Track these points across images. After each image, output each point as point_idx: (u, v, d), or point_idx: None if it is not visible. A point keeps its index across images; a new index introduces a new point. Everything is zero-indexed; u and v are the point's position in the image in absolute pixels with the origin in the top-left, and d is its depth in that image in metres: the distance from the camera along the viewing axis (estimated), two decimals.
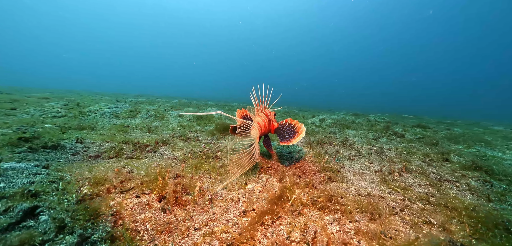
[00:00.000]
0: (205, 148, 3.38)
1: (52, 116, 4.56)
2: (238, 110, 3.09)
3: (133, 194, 1.52)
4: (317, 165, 2.75)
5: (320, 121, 6.98)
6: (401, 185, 2.22)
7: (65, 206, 1.00)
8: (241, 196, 1.76)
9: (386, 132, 5.55)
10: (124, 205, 1.32)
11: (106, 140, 3.19)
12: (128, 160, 2.78)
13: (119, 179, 1.67)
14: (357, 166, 2.94)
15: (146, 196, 1.56)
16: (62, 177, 1.37)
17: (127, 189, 1.54)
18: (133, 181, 1.72)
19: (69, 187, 1.19)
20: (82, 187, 1.29)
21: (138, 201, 1.43)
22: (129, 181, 1.72)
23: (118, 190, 1.52)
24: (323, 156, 3.10)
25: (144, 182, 1.71)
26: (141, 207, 1.38)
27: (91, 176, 1.51)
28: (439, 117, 15.05)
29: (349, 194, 2.01)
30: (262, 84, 2.79)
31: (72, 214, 0.94)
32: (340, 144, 3.90)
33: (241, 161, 1.99)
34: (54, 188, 1.14)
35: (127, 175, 1.80)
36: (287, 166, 2.66)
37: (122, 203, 1.33)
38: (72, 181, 1.31)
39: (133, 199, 1.45)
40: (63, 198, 1.06)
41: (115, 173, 1.76)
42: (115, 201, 1.32)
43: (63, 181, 1.30)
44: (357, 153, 3.47)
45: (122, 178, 1.69)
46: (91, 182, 1.40)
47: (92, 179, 1.44)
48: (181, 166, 2.58)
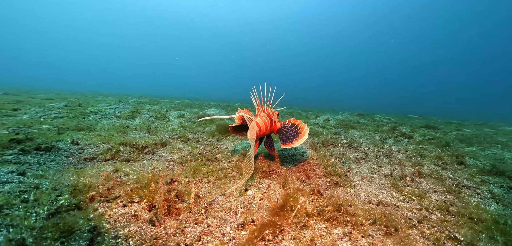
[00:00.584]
0: (204, 150, 3.22)
1: (53, 117, 4.47)
2: (239, 109, 2.96)
3: (120, 203, 1.36)
4: (322, 168, 2.55)
5: (324, 121, 6.76)
6: (415, 191, 2.01)
7: (31, 222, 0.85)
8: (240, 206, 1.58)
9: (393, 133, 5.30)
10: (107, 217, 1.17)
11: (103, 142, 3.05)
12: (124, 163, 2.64)
13: (107, 185, 1.51)
14: (365, 169, 2.73)
15: (135, 205, 1.39)
16: (37, 185, 1.23)
17: (113, 197, 1.38)
18: (123, 187, 1.57)
19: (43, 198, 1.04)
20: (60, 196, 1.14)
21: (124, 212, 1.27)
22: (118, 187, 1.57)
23: (104, 199, 1.36)
24: (328, 158, 2.90)
25: (134, 188, 1.55)
26: (127, 219, 1.21)
27: (74, 183, 1.36)
28: (445, 117, 14.59)
29: (359, 202, 1.81)
30: (264, 84, 2.64)
31: (37, 232, 0.79)
32: (346, 145, 3.68)
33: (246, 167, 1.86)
34: (23, 200, 0.99)
35: (116, 181, 1.65)
36: (290, 170, 2.48)
37: (104, 215, 1.17)
38: (48, 190, 1.16)
39: (119, 209, 1.29)
40: (31, 211, 0.91)
41: (103, 179, 1.61)
42: (97, 212, 1.16)
43: (37, 190, 1.15)
44: (364, 156, 3.26)
45: (110, 184, 1.54)
46: (72, 190, 1.25)
47: (74, 187, 1.29)
48: (178, 169, 2.42)
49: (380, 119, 8.59)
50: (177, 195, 1.73)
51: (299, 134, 2.33)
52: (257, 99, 2.60)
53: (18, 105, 5.34)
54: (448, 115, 18.00)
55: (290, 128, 2.49)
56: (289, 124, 2.55)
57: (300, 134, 2.31)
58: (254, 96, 2.60)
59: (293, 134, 2.39)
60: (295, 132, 2.40)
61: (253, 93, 2.59)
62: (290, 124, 2.56)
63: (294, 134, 2.37)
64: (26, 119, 3.81)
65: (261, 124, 2.39)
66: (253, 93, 2.58)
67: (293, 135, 2.37)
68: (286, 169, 2.50)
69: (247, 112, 3.00)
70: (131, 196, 1.46)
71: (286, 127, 2.54)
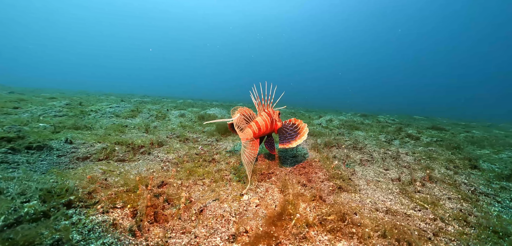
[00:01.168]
0: (202, 150, 3.07)
1: (52, 115, 4.40)
2: (240, 108, 2.81)
3: (99, 209, 1.22)
4: (324, 171, 2.38)
5: (327, 122, 6.55)
6: (427, 198, 1.81)
7: None
8: (233, 213, 1.42)
9: (399, 134, 5.07)
10: (81, 226, 1.02)
11: (99, 141, 2.94)
12: (117, 163, 2.52)
13: (88, 189, 1.37)
14: (371, 172, 2.54)
15: (117, 212, 1.25)
16: (1, 190, 1.09)
17: (93, 203, 1.24)
18: (106, 191, 1.42)
19: (1, 206, 0.90)
20: (26, 203, 1.00)
21: (102, 220, 1.12)
22: (102, 191, 1.43)
23: (83, 204, 1.22)
24: (331, 160, 2.71)
25: (119, 192, 1.41)
26: (104, 228, 1.07)
27: (50, 186, 1.22)
28: (450, 118, 14.15)
29: (365, 209, 1.63)
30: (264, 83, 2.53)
31: None
32: (349, 147, 3.49)
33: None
34: None
35: (101, 184, 1.51)
36: (291, 172, 2.31)
37: (78, 224, 1.03)
38: (11, 196, 1.03)
39: (97, 217, 1.15)
40: None
41: (85, 182, 1.47)
42: (68, 222, 1.02)
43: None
44: (370, 158, 3.06)
45: (92, 187, 1.40)
46: (44, 195, 1.11)
47: (48, 191, 1.15)
48: (172, 171, 2.28)
49: (384, 119, 8.33)
50: (166, 199, 1.59)
51: (299, 134, 2.29)
52: (257, 98, 2.52)
53: (20, 103, 5.30)
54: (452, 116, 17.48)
55: (290, 128, 2.45)
56: (290, 124, 2.50)
57: (299, 134, 2.27)
58: (254, 95, 2.51)
59: (292, 133, 2.35)
60: (294, 132, 2.35)
61: (253, 92, 2.51)
62: (290, 123, 2.51)
63: (293, 134, 2.33)
64: (25, 118, 3.74)
65: (261, 123, 2.31)
66: (253, 92, 2.50)
67: (292, 135, 2.33)
68: (287, 171, 2.33)
69: (247, 111, 2.84)
70: (114, 200, 1.32)
71: (286, 127, 2.50)
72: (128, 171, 2.13)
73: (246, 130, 2.14)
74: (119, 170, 2.12)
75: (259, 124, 2.27)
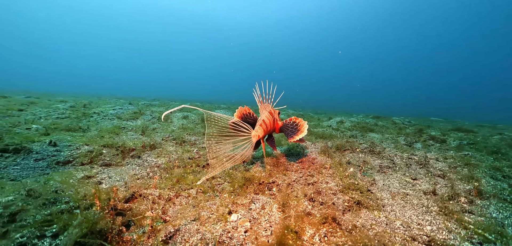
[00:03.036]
0: (197, 154, 2.69)
1: (55, 118, 4.24)
2: (241, 108, 2.54)
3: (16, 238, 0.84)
4: (337, 180, 1.90)
5: (338, 123, 5.98)
6: (486, 224, 1.28)
7: None
8: (211, 243, 1.00)
9: (420, 136, 4.42)
10: None
11: (87, 143, 2.64)
12: (103, 168, 2.20)
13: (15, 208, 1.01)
14: (395, 182, 2.02)
15: (42, 242, 0.87)
16: None
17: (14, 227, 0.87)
18: (42, 210, 1.05)
19: None
20: None
21: None
22: (36, 209, 1.06)
23: None
24: (345, 167, 2.22)
25: (55, 213, 1.03)
26: None
27: None
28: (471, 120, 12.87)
29: (396, 238, 1.15)
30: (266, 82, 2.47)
31: None
32: (365, 151, 2.96)
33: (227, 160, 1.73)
34: None
35: (45, 199, 1.14)
36: (295, 182, 1.85)
37: None
38: None
39: None
40: None
41: (20, 195, 1.11)
42: None
43: None
44: (391, 164, 2.53)
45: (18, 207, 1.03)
46: None
47: None
48: (154, 178, 1.90)
49: (400, 121, 7.57)
50: (131, 219, 1.19)
51: (299, 130, 2.27)
52: (259, 97, 2.49)
53: (29, 106, 5.24)
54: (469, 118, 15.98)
55: (291, 126, 2.44)
56: (290, 122, 2.47)
57: (300, 130, 2.25)
58: (256, 94, 2.48)
59: (293, 130, 2.34)
60: (295, 129, 2.35)
61: (255, 90, 2.49)
62: (291, 122, 2.47)
63: (295, 131, 2.32)
64: (20, 119, 3.56)
65: (267, 122, 2.24)
66: (256, 91, 2.49)
67: (293, 130, 2.34)
68: (291, 180, 1.87)
69: (248, 110, 2.54)
70: (40, 226, 0.94)
71: (287, 125, 2.46)
72: (92, 181, 1.78)
73: (257, 128, 2.06)
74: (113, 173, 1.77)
75: (266, 122, 2.18)
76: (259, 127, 2.05)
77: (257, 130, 2.02)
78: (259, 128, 2.03)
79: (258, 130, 2.02)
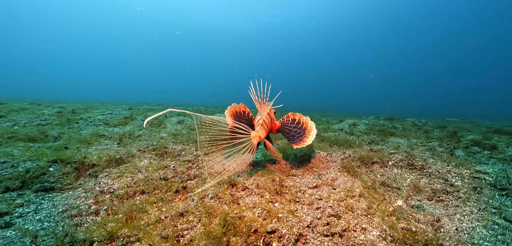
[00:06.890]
0: (174, 171, 1.94)
1: (35, 125, 3.66)
2: (235, 104, 2.12)
3: None
4: (379, 222, 1.09)
5: (351, 127, 5.10)
6: None
7: None
8: None
9: (458, 141, 3.49)
10: None
11: (31, 158, 1.96)
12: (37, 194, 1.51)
13: None
14: (474, 223, 1.18)
15: None
16: None
17: None
18: None
19: None
20: None
21: None
22: None
23: None
24: (385, 196, 1.40)
25: None
26: None
27: None
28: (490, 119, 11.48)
29: None
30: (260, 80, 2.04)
31: None
32: (400, 164, 2.11)
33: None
34: None
35: None
36: (309, 226, 1.05)
37: None
38: None
39: None
40: None
41: None
42: None
43: None
44: (448, 186, 1.68)
45: None
46: None
47: None
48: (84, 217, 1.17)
49: (421, 123, 6.56)
50: None
51: (305, 129, 1.93)
52: (255, 95, 2.04)
53: (17, 112, 4.71)
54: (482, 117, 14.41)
55: (292, 126, 2.04)
56: (289, 121, 2.09)
57: (306, 129, 1.92)
58: (252, 93, 2.01)
59: (298, 131, 1.97)
60: (299, 129, 1.97)
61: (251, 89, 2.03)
62: (289, 120, 2.09)
63: (300, 131, 1.95)
64: None
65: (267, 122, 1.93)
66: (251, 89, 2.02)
67: (299, 133, 1.95)
68: (302, 224, 1.08)
69: (243, 108, 2.13)
70: None
71: (287, 125, 2.09)
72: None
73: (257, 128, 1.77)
74: (19, 211, 1.06)
75: (266, 122, 1.90)
76: (260, 127, 1.77)
77: (258, 131, 1.74)
78: (260, 128, 1.76)
79: (259, 130, 1.75)
